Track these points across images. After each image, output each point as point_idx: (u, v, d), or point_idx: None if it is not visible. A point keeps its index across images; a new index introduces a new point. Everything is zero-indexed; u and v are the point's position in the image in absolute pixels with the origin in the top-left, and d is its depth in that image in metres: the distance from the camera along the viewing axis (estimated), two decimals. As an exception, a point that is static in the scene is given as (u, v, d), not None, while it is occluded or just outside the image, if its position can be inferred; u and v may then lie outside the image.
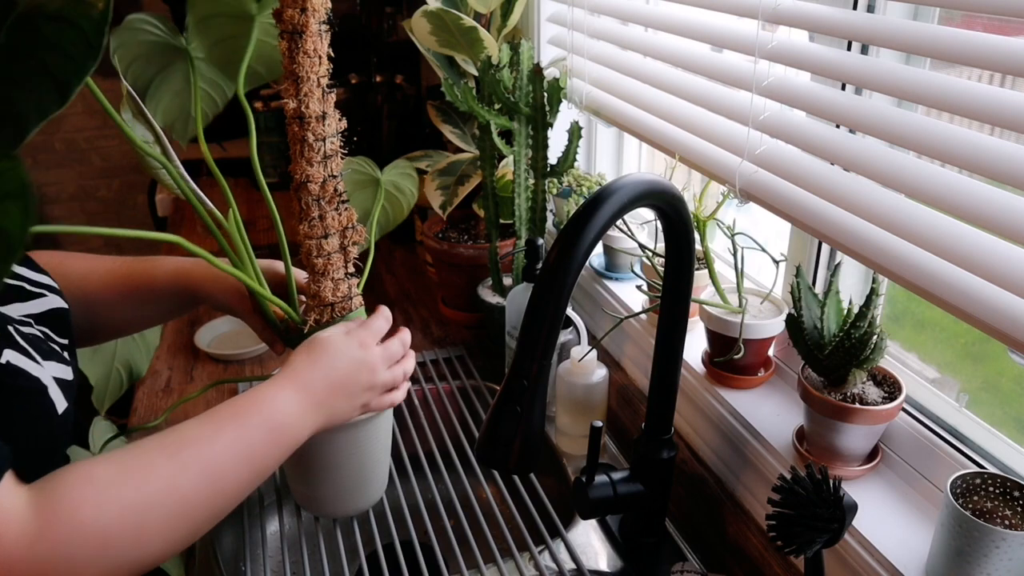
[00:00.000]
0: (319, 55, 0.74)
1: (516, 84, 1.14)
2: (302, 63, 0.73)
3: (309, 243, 0.79)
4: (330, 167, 0.78)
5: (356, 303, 0.84)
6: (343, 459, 0.85)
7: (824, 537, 0.62)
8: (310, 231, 0.79)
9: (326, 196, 0.78)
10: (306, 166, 0.76)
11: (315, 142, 0.76)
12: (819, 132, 0.77)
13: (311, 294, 0.81)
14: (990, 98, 0.59)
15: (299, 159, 0.76)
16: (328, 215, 0.79)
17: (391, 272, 1.66)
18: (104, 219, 3.19)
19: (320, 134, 0.76)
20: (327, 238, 0.79)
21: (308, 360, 0.75)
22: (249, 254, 0.80)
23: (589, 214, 0.64)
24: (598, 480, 0.83)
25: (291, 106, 0.75)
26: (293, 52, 0.73)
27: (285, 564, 0.89)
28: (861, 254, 0.72)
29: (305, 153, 0.76)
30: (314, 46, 0.73)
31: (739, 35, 0.85)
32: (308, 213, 0.78)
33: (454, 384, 1.22)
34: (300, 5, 0.71)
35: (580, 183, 1.19)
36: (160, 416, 0.81)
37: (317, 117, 0.75)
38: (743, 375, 0.91)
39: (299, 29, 0.72)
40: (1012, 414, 0.75)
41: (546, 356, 0.64)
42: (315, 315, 0.81)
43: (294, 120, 0.75)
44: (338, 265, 0.81)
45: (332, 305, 0.81)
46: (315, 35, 0.73)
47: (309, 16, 0.72)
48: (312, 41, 0.73)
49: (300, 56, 0.73)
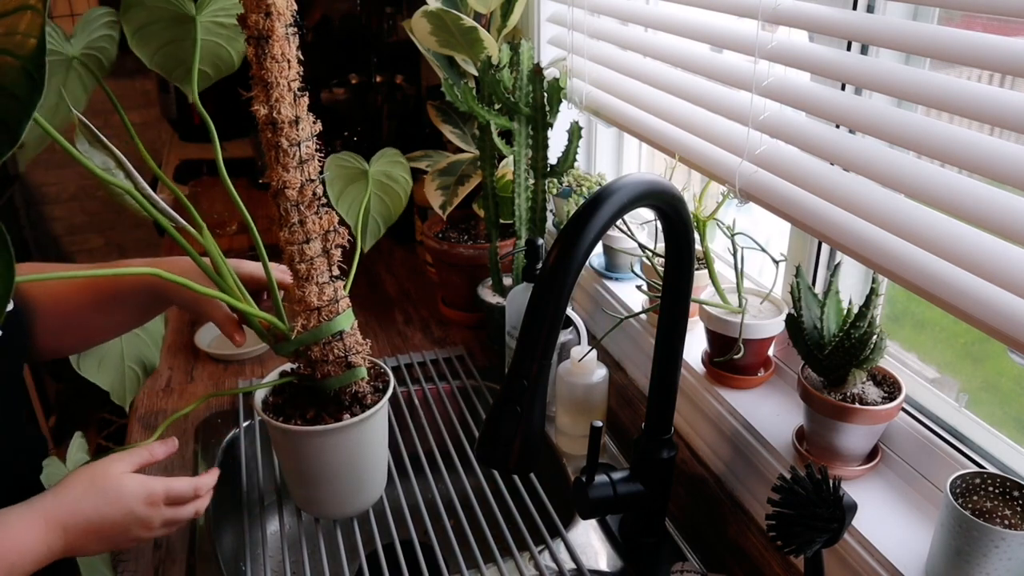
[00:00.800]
0: (287, 59, 0.72)
1: (516, 84, 1.14)
2: (270, 68, 0.71)
3: (291, 249, 0.78)
4: (307, 171, 0.76)
5: (343, 306, 0.83)
6: (337, 461, 0.85)
7: (824, 537, 0.63)
8: (291, 237, 0.78)
9: (305, 201, 0.77)
10: (282, 172, 0.75)
11: (289, 147, 0.75)
12: (819, 132, 0.77)
13: (296, 299, 0.80)
14: (990, 98, 0.59)
15: (275, 165, 0.75)
16: (308, 220, 0.78)
17: (391, 272, 1.66)
18: (104, 219, 3.19)
19: (294, 139, 0.75)
20: (308, 243, 0.78)
21: (82, 497, 0.69)
22: (229, 269, 0.80)
23: (589, 214, 0.64)
24: (598, 480, 0.83)
25: (262, 112, 0.73)
26: (260, 58, 0.71)
27: (285, 564, 0.89)
28: (861, 254, 0.72)
29: (280, 159, 0.75)
30: (282, 50, 0.71)
31: (739, 35, 0.85)
32: (288, 219, 0.77)
33: (454, 384, 1.22)
34: (264, 9, 0.69)
35: (580, 183, 1.19)
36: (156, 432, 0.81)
37: (290, 122, 0.74)
38: (743, 375, 0.91)
39: (265, 34, 0.70)
40: (1012, 414, 0.75)
41: (546, 356, 0.64)
42: (302, 320, 0.80)
43: (267, 126, 0.74)
44: (322, 269, 0.80)
45: (318, 309, 0.80)
46: (282, 39, 0.71)
47: (274, 20, 0.70)
48: (279, 45, 0.71)
49: (268, 61, 0.71)
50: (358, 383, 0.85)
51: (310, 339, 0.81)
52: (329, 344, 0.82)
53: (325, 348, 0.82)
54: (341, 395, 0.85)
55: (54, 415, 2.67)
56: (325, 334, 0.81)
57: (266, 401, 0.86)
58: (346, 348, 0.84)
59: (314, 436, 0.82)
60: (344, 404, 0.85)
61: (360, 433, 0.84)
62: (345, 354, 0.84)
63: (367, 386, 0.87)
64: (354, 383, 0.85)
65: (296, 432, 0.82)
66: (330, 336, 0.82)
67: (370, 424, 0.84)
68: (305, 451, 0.83)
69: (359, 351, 0.85)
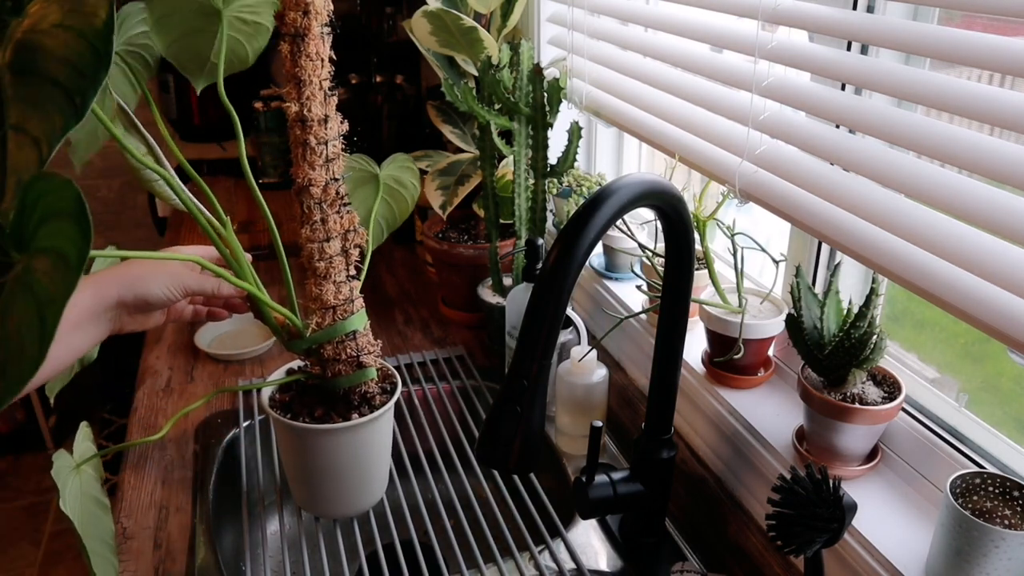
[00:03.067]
0: (321, 58, 0.73)
1: (516, 84, 1.14)
2: (304, 66, 0.72)
3: (311, 247, 0.79)
4: (332, 170, 0.77)
5: (357, 305, 0.84)
6: (343, 461, 0.85)
7: (824, 537, 0.63)
8: (312, 235, 0.78)
9: (328, 199, 0.78)
10: (308, 169, 0.76)
11: (317, 145, 0.75)
12: (819, 132, 0.77)
13: (312, 297, 0.81)
14: (990, 98, 0.59)
15: (301, 162, 0.76)
16: (330, 218, 0.79)
17: (391, 272, 1.66)
18: (104, 219, 3.19)
19: (322, 137, 0.75)
20: (329, 241, 0.79)
21: None
22: (246, 260, 0.80)
23: (589, 214, 0.64)
24: (598, 480, 0.83)
25: (293, 110, 0.74)
26: (295, 55, 0.72)
27: (285, 564, 0.89)
28: (861, 254, 0.72)
29: (307, 157, 0.76)
30: (316, 49, 0.72)
31: (739, 35, 0.85)
32: (310, 216, 0.78)
33: (454, 384, 1.22)
34: (302, 8, 0.71)
35: (580, 183, 1.19)
36: (162, 430, 0.81)
37: (319, 120, 0.75)
38: (743, 375, 0.91)
39: (301, 32, 0.71)
40: (1012, 414, 0.75)
41: (546, 356, 0.64)
42: (316, 318, 0.81)
43: (296, 123, 0.75)
44: (340, 268, 0.81)
45: (334, 308, 0.81)
46: (317, 38, 0.72)
47: (312, 19, 0.71)
48: (314, 44, 0.72)
49: (303, 59, 0.72)
50: (367, 383, 0.85)
51: (324, 337, 0.81)
52: (342, 343, 0.83)
53: (338, 347, 0.83)
54: (350, 395, 0.85)
55: (54, 415, 2.67)
56: (339, 333, 0.82)
57: (272, 399, 0.86)
58: (358, 348, 0.84)
59: (323, 434, 0.82)
60: (353, 404, 0.85)
61: (368, 433, 0.84)
62: (357, 354, 0.84)
63: (376, 387, 0.87)
64: (363, 383, 0.85)
65: (305, 430, 0.82)
66: (343, 335, 0.82)
67: (378, 425, 0.85)
68: (312, 449, 0.84)
69: (371, 351, 0.85)
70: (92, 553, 0.75)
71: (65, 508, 0.72)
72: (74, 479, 0.76)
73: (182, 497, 1.00)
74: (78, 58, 0.48)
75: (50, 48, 0.48)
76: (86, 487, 0.78)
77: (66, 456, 0.77)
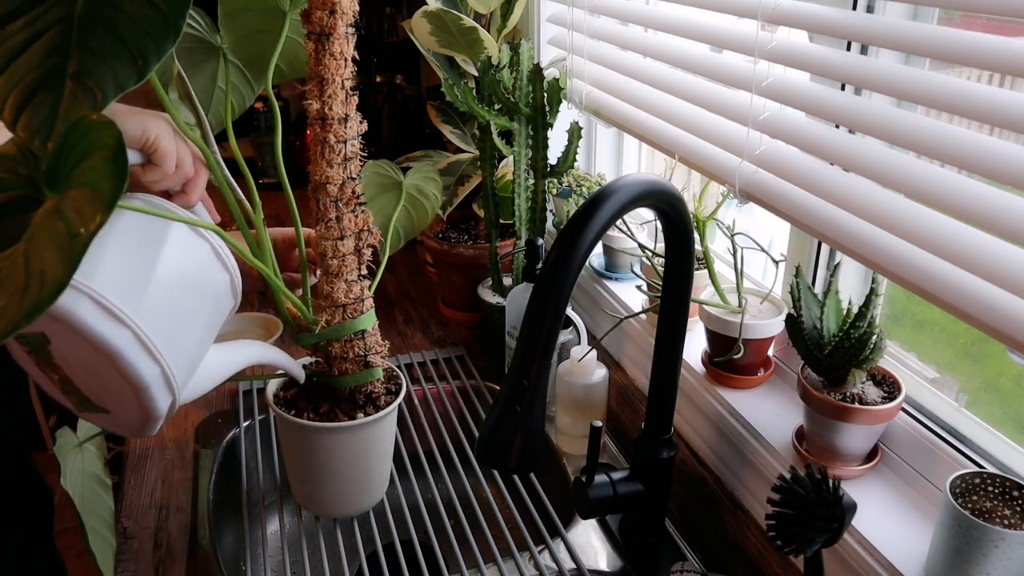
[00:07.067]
0: (344, 57, 0.74)
1: (516, 84, 1.14)
2: (328, 65, 0.73)
3: (325, 244, 0.79)
4: (349, 169, 0.78)
5: (368, 305, 0.84)
6: (346, 460, 0.85)
7: (823, 537, 0.63)
8: (326, 232, 0.79)
9: (344, 198, 0.78)
10: (326, 167, 0.76)
11: (336, 144, 0.76)
12: (819, 132, 0.77)
13: (324, 295, 0.81)
14: (990, 98, 0.59)
15: (319, 160, 0.76)
16: (345, 217, 0.79)
17: (391, 272, 1.66)
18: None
19: (342, 136, 0.76)
20: (343, 240, 0.79)
21: None
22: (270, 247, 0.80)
23: (589, 214, 0.64)
24: (598, 480, 0.83)
25: (315, 107, 0.75)
26: (320, 54, 0.72)
27: (285, 564, 0.89)
28: (861, 254, 0.72)
29: (326, 154, 0.76)
30: (340, 48, 0.73)
31: (739, 35, 0.85)
32: (325, 214, 0.78)
33: (454, 384, 1.22)
34: (329, 7, 0.71)
35: (580, 183, 1.19)
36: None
37: (340, 119, 0.75)
38: (743, 375, 0.91)
39: (327, 31, 0.72)
40: (1011, 414, 0.75)
41: (546, 356, 0.64)
42: (326, 315, 0.81)
43: (316, 121, 0.75)
44: (352, 267, 0.81)
45: (344, 306, 0.81)
46: (342, 38, 0.73)
47: (337, 19, 0.72)
48: (339, 44, 0.72)
49: (327, 58, 0.73)
50: (373, 383, 0.86)
51: (333, 335, 0.82)
52: (350, 342, 0.83)
53: (346, 345, 0.83)
54: (355, 394, 0.85)
55: (54, 415, 2.67)
56: (348, 331, 0.82)
57: (276, 396, 0.87)
58: (366, 347, 0.84)
59: (327, 432, 0.82)
60: (358, 403, 0.85)
61: (372, 433, 0.84)
62: (364, 353, 0.84)
63: (381, 387, 0.87)
64: (369, 383, 0.85)
65: (309, 427, 0.82)
66: (351, 334, 0.82)
67: (382, 425, 0.85)
68: (315, 447, 0.84)
69: (378, 351, 0.86)
70: (90, 530, 0.75)
71: (66, 485, 0.72)
72: (76, 456, 0.77)
73: (182, 497, 1.00)
74: (148, 24, 0.49)
75: (125, 8, 0.49)
76: (88, 465, 0.78)
77: (70, 434, 0.77)
